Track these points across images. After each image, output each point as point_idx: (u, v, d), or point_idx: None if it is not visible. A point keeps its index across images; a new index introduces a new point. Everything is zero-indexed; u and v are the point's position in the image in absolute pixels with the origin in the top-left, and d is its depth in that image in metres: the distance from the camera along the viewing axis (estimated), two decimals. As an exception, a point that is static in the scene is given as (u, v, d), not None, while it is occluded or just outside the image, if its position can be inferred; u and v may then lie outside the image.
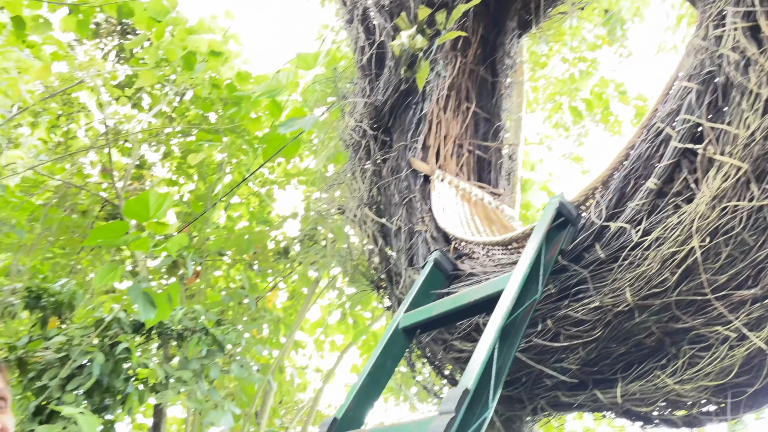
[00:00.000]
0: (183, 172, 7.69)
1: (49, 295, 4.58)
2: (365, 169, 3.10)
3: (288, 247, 7.04)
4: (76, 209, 6.42)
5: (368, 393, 2.19)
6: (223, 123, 6.47)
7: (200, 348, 4.77)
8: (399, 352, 2.33)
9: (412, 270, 2.81)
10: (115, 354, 4.21)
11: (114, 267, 3.34)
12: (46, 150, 7.12)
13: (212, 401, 4.58)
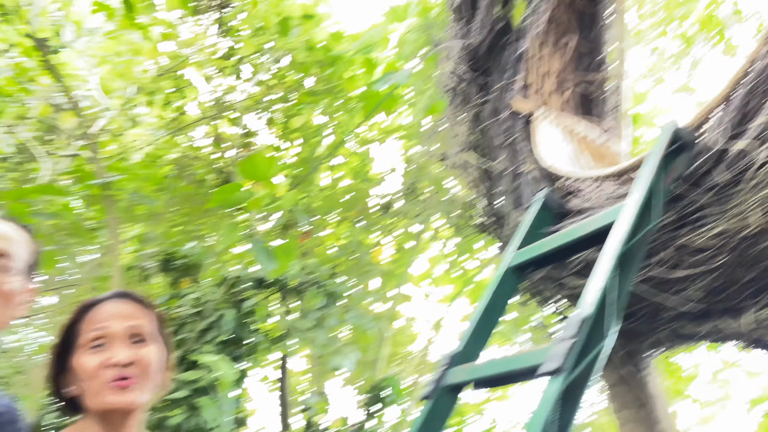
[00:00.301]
0: (286, 137, 7.99)
1: (179, 258, 4.98)
2: (465, 114, 3.10)
3: (390, 202, 7.18)
4: (194, 179, 6.86)
5: (482, 330, 2.25)
6: (321, 85, 6.63)
7: (317, 300, 5.04)
8: (510, 290, 2.37)
9: (518, 211, 2.81)
10: (243, 308, 4.55)
11: (236, 226, 3.57)
12: (162, 126, 7.62)
13: (333, 347, 4.85)
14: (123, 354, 1.33)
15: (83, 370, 1.33)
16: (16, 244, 1.44)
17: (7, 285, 1.38)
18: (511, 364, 1.78)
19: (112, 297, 1.45)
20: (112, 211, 4.41)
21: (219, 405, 4.29)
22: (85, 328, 1.38)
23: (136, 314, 1.42)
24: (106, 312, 1.40)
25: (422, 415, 2.06)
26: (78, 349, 1.36)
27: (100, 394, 1.32)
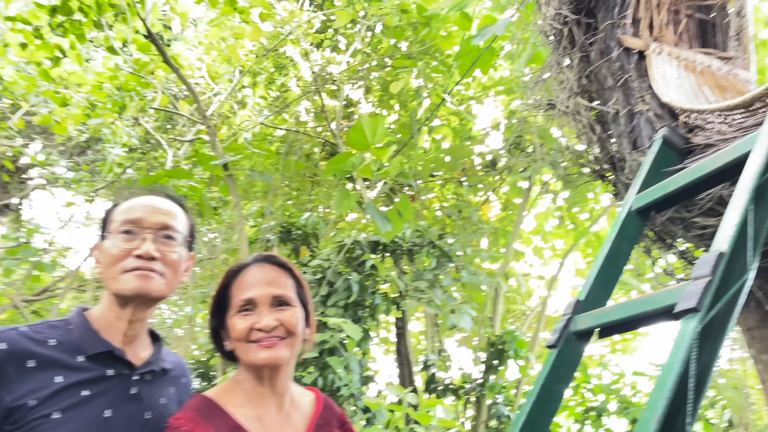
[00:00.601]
0: (385, 105, 8.07)
1: (296, 229, 5.24)
2: (571, 57, 3.00)
3: (495, 158, 7.09)
4: (302, 154, 7.13)
5: (607, 276, 2.22)
6: (416, 47, 6.61)
7: (430, 260, 5.13)
8: (634, 234, 2.30)
9: (637, 153, 2.70)
10: (362, 272, 4.73)
11: (348, 194, 3.70)
12: (268, 105, 7.95)
13: (450, 306, 4.94)
14: (267, 320, 1.48)
15: (235, 332, 1.50)
16: (177, 218, 1.61)
17: (173, 255, 1.55)
18: (641, 306, 1.75)
19: (256, 261, 1.59)
20: (233, 190, 4.70)
21: (347, 364, 4.52)
22: (235, 293, 1.53)
23: (278, 279, 1.56)
24: (252, 278, 1.54)
25: (548, 364, 2.07)
26: (231, 310, 1.53)
27: (251, 353, 1.48)
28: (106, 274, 1.51)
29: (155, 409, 1.51)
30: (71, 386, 1.37)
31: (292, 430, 1.56)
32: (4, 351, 1.33)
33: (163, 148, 7.55)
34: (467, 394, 6.02)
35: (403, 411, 3.68)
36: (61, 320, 1.50)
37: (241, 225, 4.62)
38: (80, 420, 1.35)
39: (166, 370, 1.61)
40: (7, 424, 1.30)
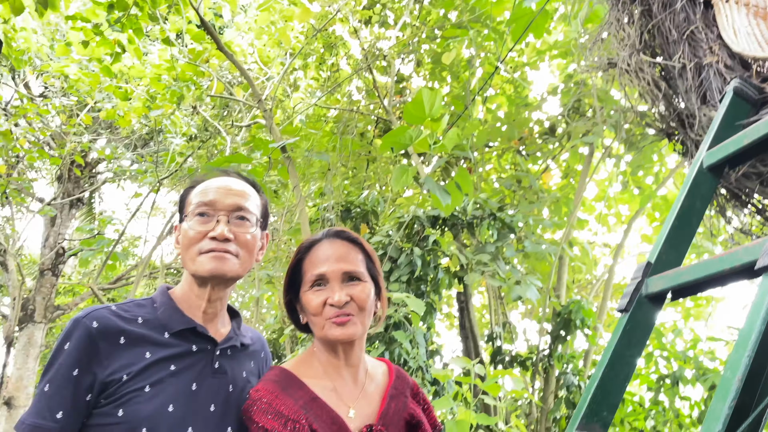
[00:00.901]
0: (436, 77, 7.98)
1: (355, 207, 5.28)
2: (632, 12, 2.87)
3: (553, 125, 6.91)
4: (357, 132, 7.16)
5: (679, 236, 2.14)
6: (466, 16, 6.48)
7: (491, 233, 5.08)
8: (707, 192, 2.21)
9: (706, 107, 2.57)
10: (423, 246, 4.74)
11: (405, 169, 3.69)
12: (320, 86, 8.00)
13: (514, 278, 4.88)
14: (339, 295, 1.52)
15: (309, 307, 1.55)
16: (250, 199, 1.66)
17: (247, 236, 1.61)
18: (718, 265, 1.68)
19: (327, 236, 1.63)
20: (292, 171, 4.77)
21: (412, 338, 4.56)
22: (307, 268, 1.59)
23: (349, 254, 1.60)
24: (323, 254, 1.59)
25: (619, 329, 2.02)
26: (303, 285, 1.58)
27: (324, 328, 1.54)
28: (184, 255, 1.59)
29: (237, 382, 1.58)
30: (159, 361, 1.45)
31: (367, 400, 1.60)
32: (96, 329, 1.42)
33: (222, 135, 7.73)
34: (534, 366, 5.97)
35: (471, 382, 3.69)
36: (146, 299, 1.59)
37: (301, 206, 4.69)
38: (169, 393, 1.43)
39: (245, 345, 1.69)
40: (102, 398, 1.39)
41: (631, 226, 7.82)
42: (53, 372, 1.39)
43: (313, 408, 1.48)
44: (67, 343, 1.40)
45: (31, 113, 7.23)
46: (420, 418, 1.67)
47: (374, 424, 1.55)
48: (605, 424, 1.94)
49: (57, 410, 1.36)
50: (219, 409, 1.51)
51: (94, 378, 1.39)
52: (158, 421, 1.39)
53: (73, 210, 12.83)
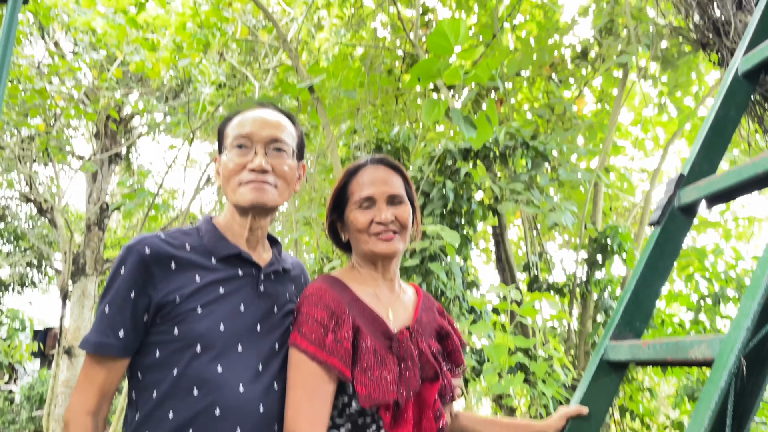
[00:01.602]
0: (463, 6, 7.75)
1: (386, 144, 5.29)
2: None
3: (585, 48, 6.70)
4: (383, 69, 7.07)
5: (713, 146, 2.11)
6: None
7: (524, 161, 5.04)
8: (742, 100, 2.15)
9: (742, 13, 2.48)
10: (456, 180, 4.74)
11: (436, 102, 3.66)
12: (344, 24, 7.88)
13: (549, 205, 4.87)
14: (386, 214, 1.68)
15: (356, 224, 1.70)
16: (286, 130, 1.72)
17: (284, 167, 1.67)
18: (752, 169, 1.67)
19: (372, 162, 1.78)
20: (321, 110, 4.78)
21: (448, 269, 4.64)
22: (355, 190, 1.73)
23: (391, 179, 1.75)
24: (369, 177, 1.73)
25: (652, 241, 2.04)
26: (350, 206, 1.73)
27: (370, 243, 1.70)
28: (225, 187, 1.68)
29: (280, 304, 1.69)
30: (209, 284, 1.56)
31: (403, 308, 1.77)
32: (149, 255, 1.52)
33: (249, 81, 7.74)
34: (572, 292, 6.01)
35: (507, 308, 3.76)
36: (191, 228, 1.69)
37: (332, 146, 4.73)
38: (220, 313, 1.54)
39: (287, 270, 1.79)
40: (158, 318, 1.51)
41: (668, 148, 7.63)
42: (112, 294, 1.50)
43: (356, 306, 1.65)
44: (122, 268, 1.51)
45: (63, 70, 7.34)
46: (449, 330, 1.83)
47: (412, 324, 1.71)
48: (638, 334, 1.99)
49: (119, 329, 1.48)
50: (265, 329, 1.61)
51: (150, 300, 1.50)
52: (211, 338, 1.50)
53: (112, 165, 13.15)
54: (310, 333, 1.55)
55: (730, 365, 1.33)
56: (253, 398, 1.51)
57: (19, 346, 13.34)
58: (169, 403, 1.46)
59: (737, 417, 1.37)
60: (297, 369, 1.55)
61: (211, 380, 1.47)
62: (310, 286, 1.66)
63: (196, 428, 1.45)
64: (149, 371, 1.50)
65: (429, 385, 1.65)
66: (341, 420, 1.58)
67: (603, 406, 1.93)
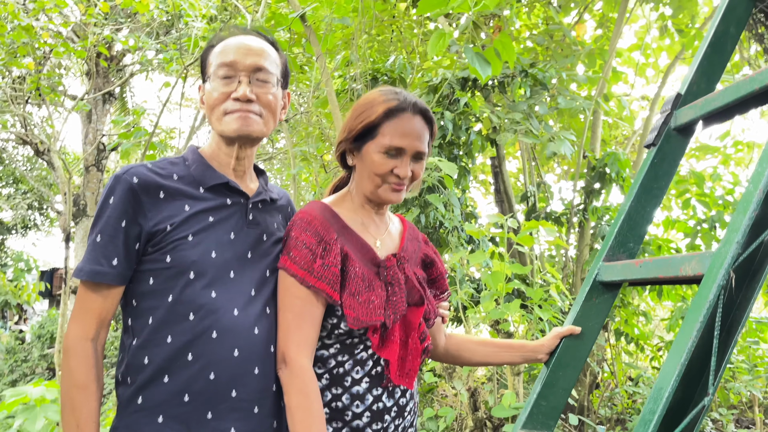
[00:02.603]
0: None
1: (382, 74, 5.19)
2: None
3: (587, -29, 6.47)
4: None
5: (712, 64, 2.07)
6: None
7: (523, 90, 4.96)
8: (743, 15, 2.10)
9: (747, -76, 2.37)
10: (454, 110, 4.68)
11: (442, 34, 3.56)
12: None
13: (547, 135, 4.83)
14: (406, 171, 1.67)
15: (374, 168, 1.68)
16: (270, 58, 1.68)
17: (269, 96, 1.65)
18: (749, 86, 1.64)
19: (414, 110, 1.70)
20: (314, 40, 4.67)
21: (446, 201, 4.65)
22: (387, 133, 1.67)
23: (424, 134, 1.72)
24: (406, 128, 1.68)
25: (647, 162, 2.03)
26: (374, 145, 1.68)
27: (380, 190, 1.70)
28: (210, 116, 1.66)
29: (269, 233, 1.71)
30: (198, 213, 1.57)
31: (390, 238, 1.81)
32: (137, 184, 1.52)
33: (242, 14, 7.52)
34: (569, 221, 6.05)
35: (504, 236, 3.80)
36: (178, 158, 1.69)
37: (326, 77, 4.64)
38: (210, 241, 1.56)
39: (273, 200, 1.81)
40: (149, 246, 1.53)
41: (669, 72, 7.50)
42: (102, 224, 1.51)
43: (345, 234, 1.68)
44: (112, 197, 1.51)
45: (49, 4, 7.12)
46: (433, 258, 1.89)
47: (398, 252, 1.76)
48: (632, 255, 2.01)
49: (112, 257, 1.49)
50: (255, 256, 1.64)
51: (141, 229, 1.51)
52: (203, 265, 1.52)
53: (106, 105, 12.99)
54: (299, 257, 1.59)
55: (719, 279, 1.35)
56: (248, 321, 1.56)
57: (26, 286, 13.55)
58: (165, 328, 1.50)
59: (725, 329, 1.40)
60: (286, 292, 1.60)
61: (206, 305, 1.51)
62: (300, 211, 1.68)
63: (194, 351, 1.49)
64: (144, 298, 1.53)
65: (415, 309, 1.72)
66: (330, 341, 1.65)
67: (596, 325, 1.98)
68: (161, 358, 1.49)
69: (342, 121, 4.87)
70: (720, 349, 1.34)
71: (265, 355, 1.58)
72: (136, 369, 1.51)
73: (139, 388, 1.50)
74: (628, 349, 6.17)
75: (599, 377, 6.02)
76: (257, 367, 1.56)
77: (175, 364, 1.49)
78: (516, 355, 1.99)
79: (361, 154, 1.72)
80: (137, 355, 1.51)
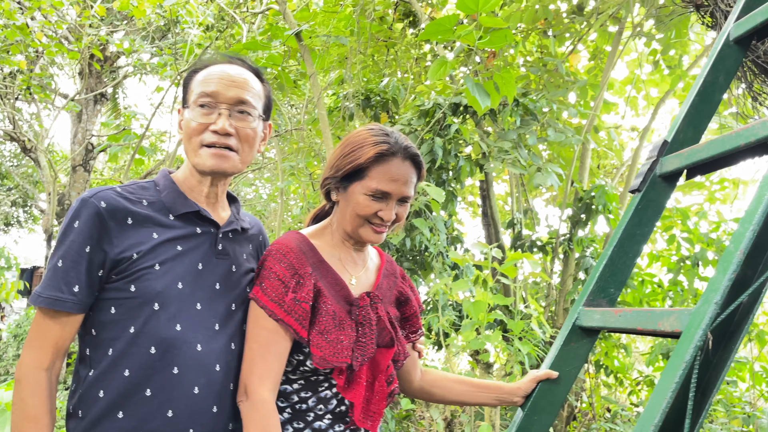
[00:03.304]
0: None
1: (375, 95, 5.20)
2: None
3: (581, 2, 6.54)
4: (375, 17, 6.88)
5: (699, 113, 2.08)
6: None
7: (514, 119, 4.98)
8: (732, 66, 2.12)
9: (740, -25, 2.40)
10: (444, 135, 4.69)
11: (443, 62, 3.58)
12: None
13: (535, 165, 4.85)
14: (390, 214, 1.65)
15: (357, 208, 1.65)
16: (253, 90, 1.65)
17: (248, 130, 1.62)
18: (734, 141, 1.65)
19: (404, 154, 1.67)
20: (308, 58, 4.67)
21: (432, 225, 4.64)
22: (375, 177, 1.63)
23: (412, 179, 1.70)
24: (395, 172, 1.65)
25: (631, 208, 2.04)
26: (360, 186, 1.65)
27: (362, 230, 1.68)
28: (186, 144, 1.63)
29: (239, 264, 1.67)
30: (166, 242, 1.52)
31: (366, 274, 1.79)
32: (104, 209, 1.47)
33: (238, 24, 7.53)
34: (554, 249, 6.06)
35: (489, 265, 3.79)
36: (149, 182, 1.63)
37: (318, 94, 4.64)
38: (178, 271, 1.51)
39: (245, 229, 1.76)
40: (113, 274, 1.47)
41: (659, 107, 7.58)
42: (65, 248, 1.45)
43: (321, 269, 1.65)
44: (77, 221, 1.46)
45: (45, 5, 7.09)
46: (408, 296, 1.86)
47: (372, 291, 1.73)
48: (612, 300, 2.00)
49: (74, 284, 1.43)
50: (223, 287, 1.59)
51: (105, 255, 1.46)
52: (168, 296, 1.48)
53: (97, 105, 12.90)
54: (271, 289, 1.56)
55: (697, 339, 1.34)
56: (211, 357, 1.51)
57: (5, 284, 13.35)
58: (125, 361, 1.44)
59: (701, 389, 1.39)
60: (255, 323, 1.57)
61: (168, 339, 1.46)
62: (277, 242, 1.65)
63: (153, 386, 1.44)
64: (104, 328, 1.47)
65: (384, 350, 1.69)
66: (295, 376, 1.62)
67: (573, 370, 1.96)
68: (117, 393, 1.43)
69: (331, 140, 4.87)
70: (695, 411, 1.32)
71: (224, 394, 1.54)
72: (90, 402, 1.45)
73: (91, 423, 1.44)
74: (607, 382, 6.17)
75: (577, 408, 6.00)
76: (216, 405, 1.51)
77: (131, 400, 1.43)
78: (491, 397, 1.96)
79: (346, 192, 1.69)
80: (92, 387, 1.45)
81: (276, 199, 10.41)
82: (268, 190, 12.78)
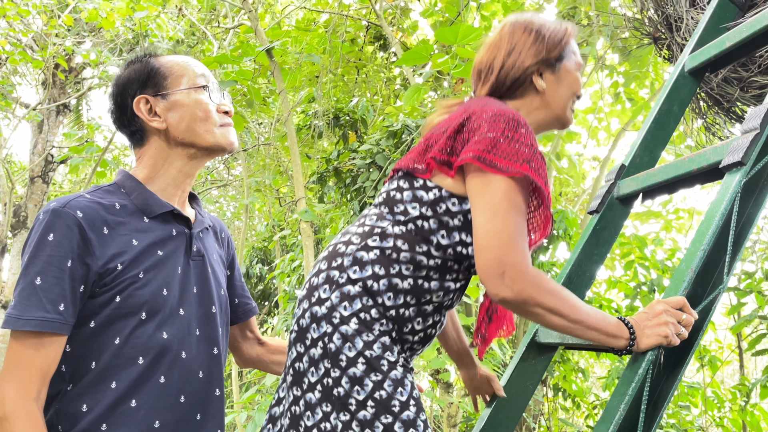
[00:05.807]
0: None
1: (344, 115, 5.23)
2: None
3: (548, 34, 6.74)
4: (346, 38, 6.96)
5: (655, 139, 2.17)
6: None
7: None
8: (686, 96, 2.22)
9: (694, 11, 2.53)
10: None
11: (418, 88, 3.65)
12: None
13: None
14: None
15: (576, 85, 1.62)
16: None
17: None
18: (686, 166, 1.72)
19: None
20: (278, 75, 4.69)
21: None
22: (575, 51, 1.64)
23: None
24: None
25: (589, 229, 2.10)
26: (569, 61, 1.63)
27: (568, 110, 1.64)
28: (198, 128, 1.54)
29: (211, 264, 1.63)
30: (147, 248, 1.45)
31: None
32: (83, 219, 1.37)
33: (209, 40, 7.51)
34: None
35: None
36: (111, 185, 1.53)
37: (287, 111, 4.65)
38: (161, 278, 1.46)
39: (210, 226, 1.72)
40: (97, 288, 1.38)
41: (619, 138, 7.81)
42: (42, 264, 1.33)
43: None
44: (51, 234, 1.34)
45: (11, 12, 6.96)
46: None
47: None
48: (570, 318, 2.04)
49: (58, 302, 1.32)
50: (200, 290, 1.56)
51: (88, 269, 1.36)
52: (155, 304, 1.42)
53: (60, 116, 12.64)
54: (512, 153, 1.32)
55: (649, 354, 1.39)
56: (194, 364, 1.48)
57: (-47, 298, 12.83)
58: (111, 374, 1.37)
59: (652, 403, 1.43)
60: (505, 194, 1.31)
61: (156, 348, 1.41)
62: (491, 108, 1.38)
63: (140, 397, 1.39)
64: (83, 343, 1.38)
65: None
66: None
67: (531, 385, 1.99)
68: (103, 406, 1.35)
69: (299, 157, 4.88)
70: (646, 422, 1.36)
71: (207, 401, 1.51)
72: (71, 417, 1.35)
73: None
74: (565, 406, 6.23)
75: (535, 430, 6.04)
76: (199, 413, 1.48)
77: (116, 412, 1.36)
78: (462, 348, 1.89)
79: (559, 73, 1.58)
80: (74, 402, 1.36)
81: (240, 216, 10.32)
82: (232, 208, 12.65)
